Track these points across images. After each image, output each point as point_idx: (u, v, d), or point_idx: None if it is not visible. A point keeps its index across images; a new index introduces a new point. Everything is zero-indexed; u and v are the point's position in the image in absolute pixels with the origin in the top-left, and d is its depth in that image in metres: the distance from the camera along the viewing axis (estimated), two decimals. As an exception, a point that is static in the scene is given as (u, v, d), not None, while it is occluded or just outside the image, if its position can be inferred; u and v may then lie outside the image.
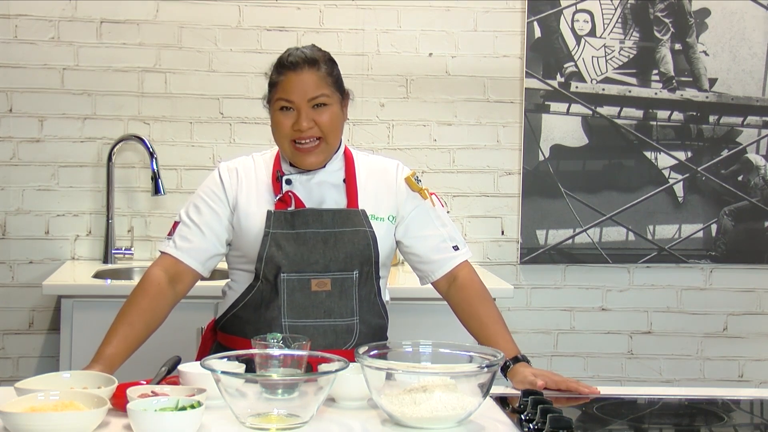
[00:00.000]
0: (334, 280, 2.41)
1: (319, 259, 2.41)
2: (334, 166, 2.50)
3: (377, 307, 2.48)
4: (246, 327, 2.42)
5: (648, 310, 4.15)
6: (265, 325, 2.39)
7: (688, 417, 2.27)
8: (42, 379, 2.11)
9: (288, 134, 2.42)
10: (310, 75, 2.40)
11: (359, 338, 2.41)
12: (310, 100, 2.40)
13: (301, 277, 2.40)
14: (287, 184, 2.47)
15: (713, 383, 4.10)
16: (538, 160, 4.05)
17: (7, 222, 3.86)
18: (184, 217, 2.49)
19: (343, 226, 2.43)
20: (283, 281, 2.39)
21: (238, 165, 2.52)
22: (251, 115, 3.90)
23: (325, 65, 2.44)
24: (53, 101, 3.85)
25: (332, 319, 2.41)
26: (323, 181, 2.49)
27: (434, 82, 4.02)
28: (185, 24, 3.90)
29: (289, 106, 2.41)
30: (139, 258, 3.90)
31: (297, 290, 2.40)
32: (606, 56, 4.05)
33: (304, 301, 2.40)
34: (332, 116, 2.43)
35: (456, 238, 2.57)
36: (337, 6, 3.96)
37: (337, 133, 2.47)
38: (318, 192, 2.48)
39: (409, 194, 2.53)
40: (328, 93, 2.42)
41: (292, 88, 2.40)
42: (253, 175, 2.50)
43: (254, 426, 1.91)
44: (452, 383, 1.97)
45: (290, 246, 2.40)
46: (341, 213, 2.45)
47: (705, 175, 4.12)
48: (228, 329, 2.49)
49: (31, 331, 3.86)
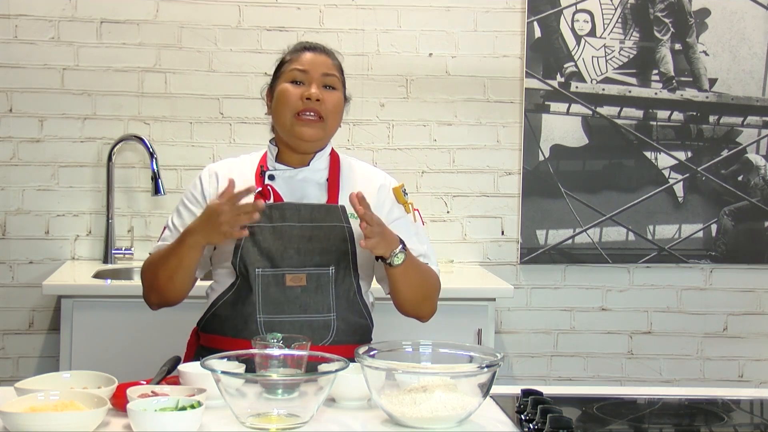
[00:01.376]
0: (310, 275, 2.40)
1: (294, 254, 2.40)
2: (319, 165, 2.52)
3: (357, 306, 2.46)
4: (224, 324, 2.42)
5: (648, 310, 4.15)
6: (241, 321, 2.38)
7: (688, 417, 2.27)
8: (42, 379, 2.11)
9: (294, 105, 2.45)
10: (326, 59, 2.53)
11: (336, 335, 2.40)
12: (323, 75, 2.48)
13: (276, 272, 2.39)
14: (270, 180, 2.49)
15: (713, 383, 4.10)
16: (538, 160, 4.06)
17: (7, 222, 3.86)
18: (168, 222, 2.54)
19: (321, 221, 2.43)
20: (258, 276, 2.39)
21: (220, 166, 2.56)
22: (251, 115, 3.90)
23: (337, 60, 2.56)
24: (53, 101, 3.85)
25: (308, 314, 2.39)
26: (307, 178, 2.51)
27: (434, 82, 4.02)
28: (185, 24, 3.90)
29: (301, 80, 2.47)
30: (139, 258, 3.89)
31: (272, 285, 2.39)
32: (606, 56, 4.05)
33: (279, 296, 2.39)
34: (338, 101, 2.50)
35: (430, 257, 2.56)
36: (337, 6, 3.96)
37: (337, 120, 2.51)
38: (300, 188, 2.49)
39: (394, 204, 2.54)
40: (338, 78, 2.52)
41: (308, 61, 2.49)
42: (237, 172, 2.50)
43: (254, 426, 1.91)
44: (452, 383, 1.97)
45: (266, 240, 2.40)
46: (320, 208, 2.45)
47: (705, 175, 4.12)
48: (208, 329, 2.48)
49: (31, 331, 3.87)
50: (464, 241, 4.06)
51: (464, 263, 4.03)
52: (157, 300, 2.49)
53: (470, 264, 4.05)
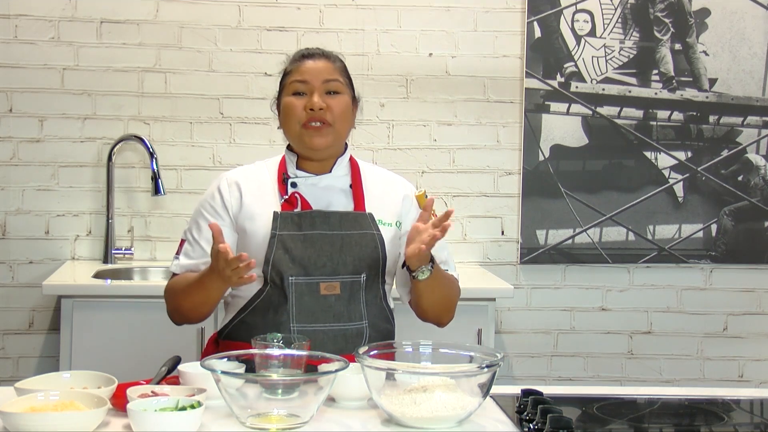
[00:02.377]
0: (344, 283, 2.38)
1: (327, 262, 2.37)
2: (340, 171, 2.49)
3: (384, 312, 2.46)
4: (253, 332, 2.34)
5: (648, 310, 4.15)
6: (273, 330, 2.32)
7: (688, 417, 2.27)
8: (42, 379, 2.11)
9: (300, 117, 2.42)
10: (326, 63, 2.48)
11: (369, 342, 2.37)
12: (325, 82, 2.44)
13: (310, 281, 2.36)
14: (293, 187, 2.46)
15: (713, 383, 4.10)
16: (538, 160, 4.05)
17: (7, 222, 3.86)
18: (188, 235, 2.49)
19: (351, 228, 2.41)
20: (291, 285, 2.36)
21: (239, 175, 2.50)
22: (251, 115, 3.90)
23: (339, 62, 2.52)
24: (53, 101, 3.85)
25: (341, 323, 2.37)
26: (330, 185, 2.47)
27: (434, 82, 4.02)
28: (185, 24, 3.90)
29: (303, 91, 2.43)
30: (139, 258, 3.90)
31: (306, 294, 2.36)
32: (606, 56, 4.05)
33: (313, 305, 2.36)
34: (344, 104, 2.46)
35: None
36: (337, 6, 3.96)
37: (346, 124, 2.47)
38: (325, 196, 2.46)
39: (417, 211, 2.48)
40: (342, 81, 2.47)
41: (308, 70, 2.45)
42: (257, 179, 2.48)
43: (254, 426, 1.91)
44: (452, 383, 1.97)
45: (297, 248, 2.37)
46: (348, 216, 2.43)
47: (705, 175, 4.12)
48: (233, 336, 2.43)
49: (31, 331, 3.87)
50: (464, 241, 4.06)
51: (464, 263, 4.03)
52: (181, 320, 2.48)
53: (470, 264, 4.05)
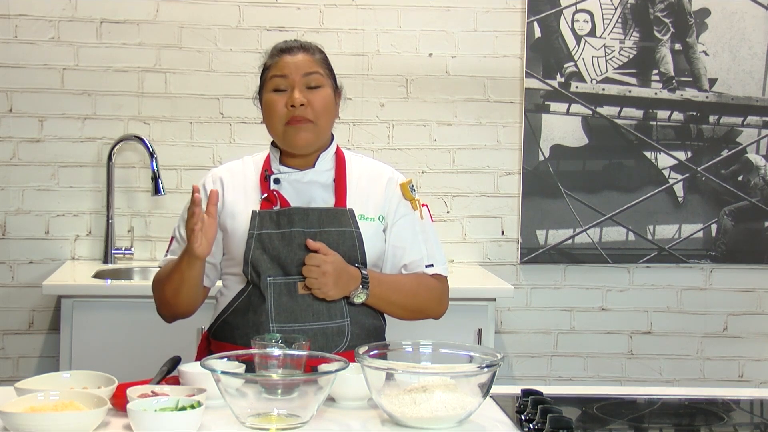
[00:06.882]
0: None
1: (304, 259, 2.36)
2: (324, 166, 2.47)
3: (370, 308, 2.44)
4: (235, 332, 2.38)
5: (648, 310, 4.15)
6: (253, 330, 2.34)
7: (688, 417, 2.27)
8: (42, 379, 2.11)
9: (282, 115, 2.40)
10: (305, 57, 2.44)
11: (351, 340, 2.37)
12: (305, 76, 2.41)
13: (288, 280, 2.36)
14: (275, 184, 2.44)
15: (713, 383, 4.10)
16: (538, 160, 4.06)
17: (7, 222, 3.86)
18: (176, 233, 2.50)
19: (329, 225, 2.39)
20: (269, 285, 2.36)
21: (224, 170, 2.51)
22: (251, 115, 3.90)
23: (318, 53, 2.48)
24: (53, 101, 3.85)
25: (321, 321, 2.35)
26: (313, 180, 2.46)
27: (434, 82, 4.02)
28: (185, 24, 3.90)
29: (283, 86, 2.41)
30: (139, 258, 3.90)
31: (284, 294, 2.36)
32: (606, 56, 4.05)
33: (292, 304, 2.35)
34: (325, 98, 2.43)
35: (434, 257, 2.52)
36: (337, 6, 3.96)
37: (329, 118, 2.45)
38: (307, 191, 2.45)
39: (401, 201, 2.50)
40: (323, 74, 2.44)
41: (286, 65, 2.42)
42: (241, 176, 2.48)
43: (254, 426, 1.91)
44: (452, 383, 1.97)
45: (275, 247, 2.36)
46: (328, 212, 2.41)
47: (705, 175, 4.12)
48: (219, 336, 2.45)
49: (31, 331, 3.87)
50: (464, 241, 4.06)
51: (464, 263, 4.03)
52: (169, 313, 2.47)
53: (470, 264, 4.05)
